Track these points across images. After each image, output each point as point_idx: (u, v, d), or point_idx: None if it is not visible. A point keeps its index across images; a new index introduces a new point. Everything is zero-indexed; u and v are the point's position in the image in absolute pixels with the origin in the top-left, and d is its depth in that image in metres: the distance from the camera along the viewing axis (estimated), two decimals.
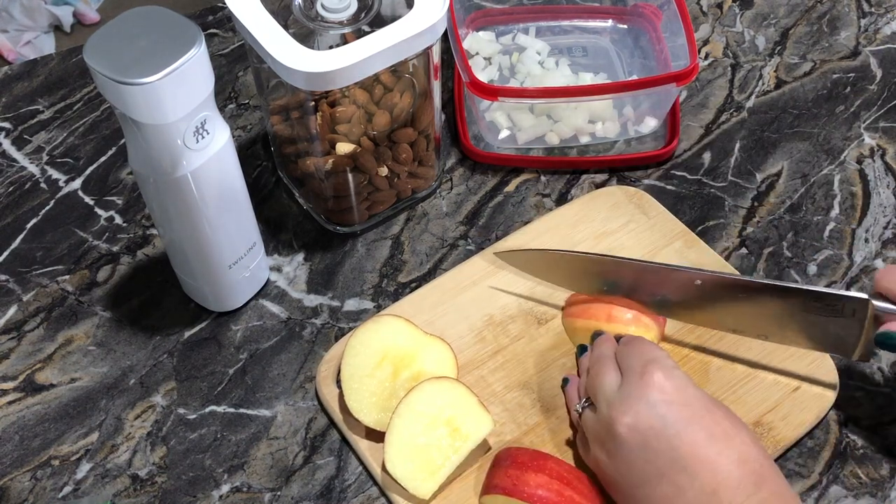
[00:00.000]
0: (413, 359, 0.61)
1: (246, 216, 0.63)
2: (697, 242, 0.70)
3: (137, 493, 0.60)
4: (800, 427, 0.61)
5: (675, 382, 0.52)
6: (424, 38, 0.61)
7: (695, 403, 0.52)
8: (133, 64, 0.49)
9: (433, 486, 0.56)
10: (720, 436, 0.50)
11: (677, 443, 0.50)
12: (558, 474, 0.54)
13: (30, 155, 0.78)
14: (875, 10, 0.90)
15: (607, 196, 0.73)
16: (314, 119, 0.64)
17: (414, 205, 0.75)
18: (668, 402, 0.51)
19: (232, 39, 0.88)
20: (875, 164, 0.77)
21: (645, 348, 0.55)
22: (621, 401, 0.52)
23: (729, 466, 0.49)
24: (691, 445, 0.50)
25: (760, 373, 0.63)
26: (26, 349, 0.67)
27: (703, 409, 0.51)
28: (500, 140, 0.78)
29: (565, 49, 0.85)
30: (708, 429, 0.51)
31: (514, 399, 0.62)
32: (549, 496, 0.53)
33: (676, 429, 0.50)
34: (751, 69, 0.85)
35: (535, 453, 0.56)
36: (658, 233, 0.71)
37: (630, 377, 0.53)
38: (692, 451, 0.50)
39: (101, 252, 0.72)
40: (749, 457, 0.50)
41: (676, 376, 0.53)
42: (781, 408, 0.61)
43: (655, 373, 0.52)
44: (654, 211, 0.72)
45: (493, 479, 0.55)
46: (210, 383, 0.65)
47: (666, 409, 0.51)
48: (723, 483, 0.49)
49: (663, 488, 0.50)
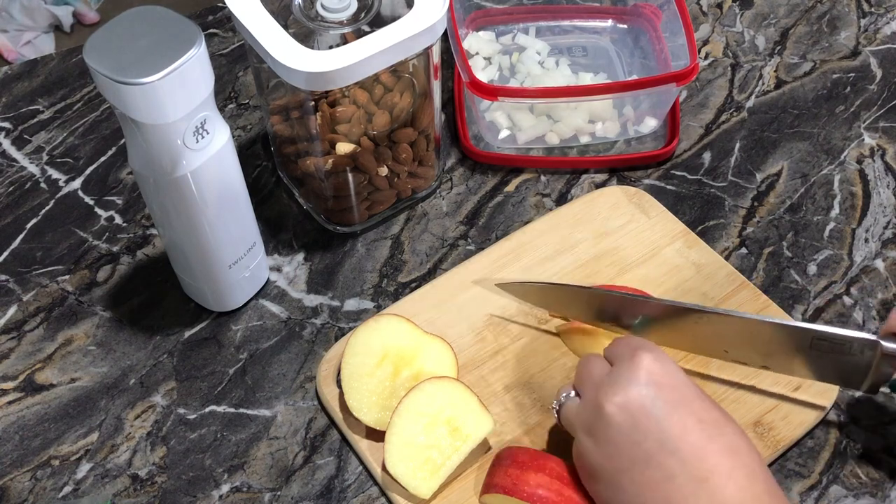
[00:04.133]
0: (413, 358, 0.61)
1: (246, 216, 0.63)
2: (698, 242, 0.70)
3: (137, 493, 0.60)
4: (800, 427, 0.61)
5: (664, 366, 0.51)
6: (424, 38, 0.61)
7: (684, 389, 0.51)
8: (133, 64, 0.49)
9: (433, 486, 0.56)
10: (710, 423, 0.49)
11: (666, 424, 0.49)
12: (558, 474, 0.54)
13: (30, 155, 0.78)
14: (875, 10, 0.90)
15: (607, 196, 0.73)
16: (314, 119, 0.64)
17: (414, 205, 0.75)
18: (657, 383, 0.50)
19: (232, 39, 0.88)
20: (875, 164, 0.77)
21: (634, 339, 0.54)
22: (610, 384, 0.51)
23: (720, 455, 0.48)
24: (681, 429, 0.49)
25: (760, 373, 0.62)
26: (26, 349, 0.67)
27: (692, 395, 0.51)
28: (500, 140, 0.78)
29: (565, 49, 0.85)
30: (697, 414, 0.49)
31: (515, 399, 0.62)
32: (549, 496, 0.53)
33: (666, 410, 0.49)
34: (751, 69, 0.85)
35: (536, 453, 0.56)
36: (659, 233, 0.71)
37: (619, 363, 0.52)
38: (681, 435, 0.49)
39: (101, 252, 0.72)
40: (740, 449, 0.49)
41: (666, 361, 0.52)
42: (781, 408, 0.61)
43: (645, 356, 0.51)
44: (654, 211, 0.72)
45: (494, 479, 0.55)
46: (210, 383, 0.65)
47: (656, 391, 0.50)
48: (714, 471, 0.48)
49: (651, 472, 0.49)
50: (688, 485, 0.48)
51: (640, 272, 0.68)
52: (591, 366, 0.54)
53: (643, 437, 0.49)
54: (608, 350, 0.56)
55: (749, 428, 0.60)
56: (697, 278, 0.68)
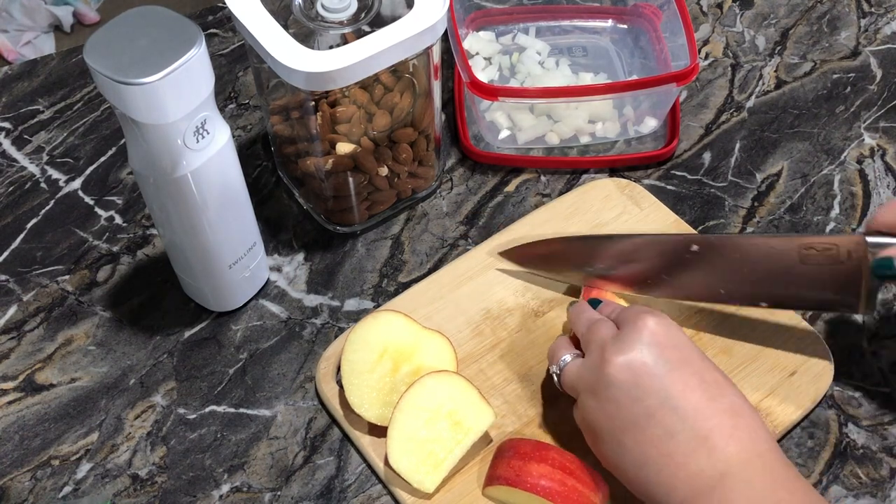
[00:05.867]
0: (413, 353, 0.61)
1: (246, 216, 0.63)
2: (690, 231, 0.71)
3: (137, 493, 0.60)
4: (798, 410, 0.61)
5: (668, 328, 0.52)
6: (424, 38, 0.61)
7: (687, 350, 0.51)
8: (133, 64, 0.49)
9: (437, 480, 0.57)
10: (712, 383, 0.50)
11: (668, 382, 0.49)
12: (561, 464, 0.54)
13: (30, 155, 0.78)
14: (875, 10, 0.90)
15: (600, 188, 0.74)
16: (314, 119, 0.64)
17: (414, 205, 0.75)
18: (660, 343, 0.51)
19: (232, 39, 0.88)
20: (875, 164, 0.77)
21: (641, 307, 0.55)
22: (615, 343, 0.52)
23: (721, 414, 0.48)
24: (683, 386, 0.49)
25: (757, 359, 0.63)
26: (26, 349, 0.67)
27: (695, 357, 0.51)
28: (500, 140, 0.78)
29: (565, 49, 0.85)
30: (699, 374, 0.50)
31: (514, 391, 0.63)
32: (551, 486, 0.53)
33: (668, 367, 0.50)
34: (751, 69, 0.85)
35: (538, 444, 0.56)
36: (651, 223, 0.71)
37: (625, 326, 0.53)
38: (683, 393, 0.49)
39: (101, 252, 0.72)
40: (742, 410, 0.49)
41: (669, 324, 0.52)
42: (779, 392, 0.62)
43: (649, 318, 0.52)
44: (646, 202, 0.73)
45: (496, 471, 0.56)
46: (210, 383, 0.65)
47: (659, 350, 0.51)
48: (715, 429, 0.48)
49: (653, 430, 0.49)
50: (689, 442, 0.48)
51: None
52: (599, 329, 0.55)
53: (645, 394, 0.50)
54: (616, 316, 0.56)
55: None
56: None
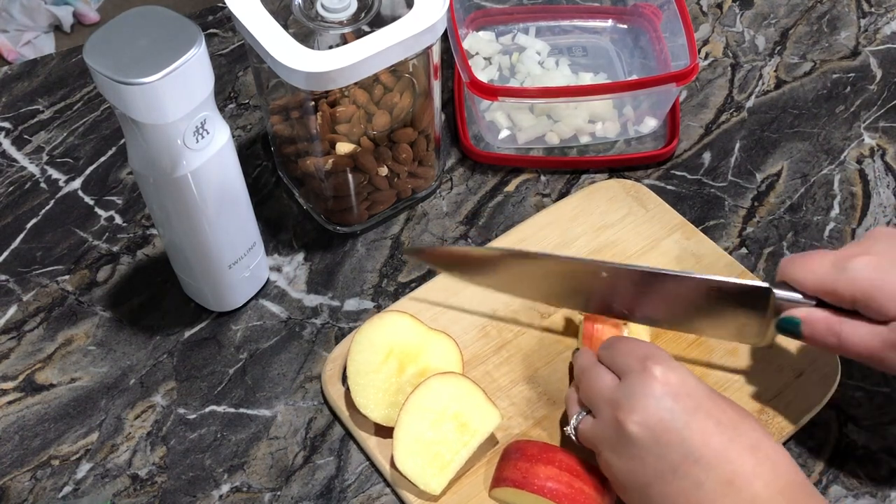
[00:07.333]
0: (419, 354, 0.61)
1: (246, 216, 0.63)
2: (696, 233, 0.70)
3: (137, 493, 0.60)
4: (804, 414, 0.61)
5: (677, 374, 0.52)
6: (424, 38, 0.61)
7: (698, 394, 0.51)
8: (133, 64, 0.49)
9: (443, 482, 0.56)
10: (728, 423, 0.50)
11: (687, 434, 0.50)
12: (568, 466, 0.54)
13: (30, 155, 0.78)
14: (875, 10, 0.90)
15: (605, 190, 0.73)
16: (314, 119, 0.64)
17: (414, 205, 0.75)
18: (673, 394, 0.51)
19: (232, 39, 0.88)
20: (875, 164, 0.77)
21: (635, 345, 0.55)
22: (626, 399, 0.52)
23: (742, 454, 0.49)
24: (702, 435, 0.49)
25: (763, 361, 0.63)
26: (26, 349, 0.67)
27: (707, 399, 0.51)
28: (500, 140, 0.78)
29: (565, 49, 0.85)
30: (715, 417, 0.50)
31: (521, 393, 0.62)
32: (558, 488, 0.53)
33: (685, 420, 0.50)
34: (751, 69, 0.85)
35: (545, 446, 0.56)
36: (657, 225, 0.71)
37: (629, 375, 0.53)
38: (703, 441, 0.49)
39: (101, 252, 0.72)
40: (760, 443, 0.50)
41: (676, 368, 0.52)
42: (785, 395, 0.62)
43: (656, 367, 0.52)
44: (651, 203, 0.73)
45: (503, 473, 0.55)
46: (210, 383, 0.65)
47: (672, 402, 0.50)
48: (738, 472, 0.48)
49: (679, 483, 0.49)
50: (716, 489, 0.49)
51: (640, 264, 0.68)
52: (597, 381, 0.54)
53: (666, 449, 0.50)
54: (605, 357, 0.56)
55: None
56: (698, 269, 0.68)
